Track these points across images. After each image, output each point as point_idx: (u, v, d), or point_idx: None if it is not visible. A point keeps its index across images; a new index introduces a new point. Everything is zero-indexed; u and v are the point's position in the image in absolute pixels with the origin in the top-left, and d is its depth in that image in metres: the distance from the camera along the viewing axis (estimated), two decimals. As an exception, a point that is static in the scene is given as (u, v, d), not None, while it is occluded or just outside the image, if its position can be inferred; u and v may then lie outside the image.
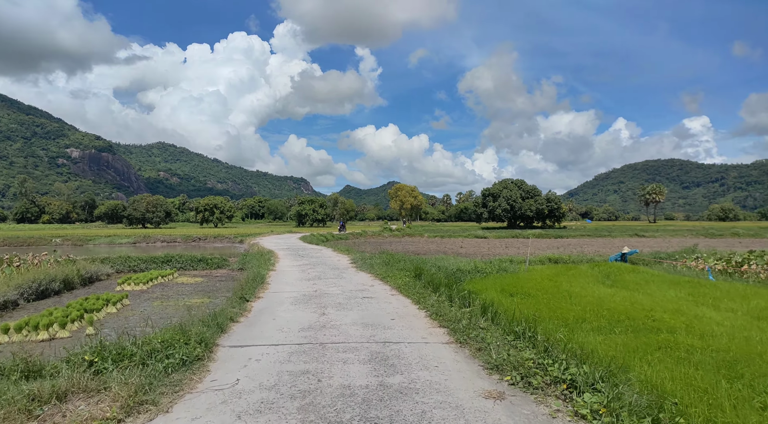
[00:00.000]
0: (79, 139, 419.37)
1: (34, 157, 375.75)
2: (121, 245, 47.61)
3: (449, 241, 51.17)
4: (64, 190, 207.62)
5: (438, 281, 11.35)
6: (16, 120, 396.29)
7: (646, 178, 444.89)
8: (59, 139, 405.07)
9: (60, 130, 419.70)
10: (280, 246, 31.37)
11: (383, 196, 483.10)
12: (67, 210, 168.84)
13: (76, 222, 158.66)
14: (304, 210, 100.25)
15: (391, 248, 38.92)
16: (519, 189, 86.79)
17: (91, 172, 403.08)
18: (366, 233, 60.91)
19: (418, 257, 20.39)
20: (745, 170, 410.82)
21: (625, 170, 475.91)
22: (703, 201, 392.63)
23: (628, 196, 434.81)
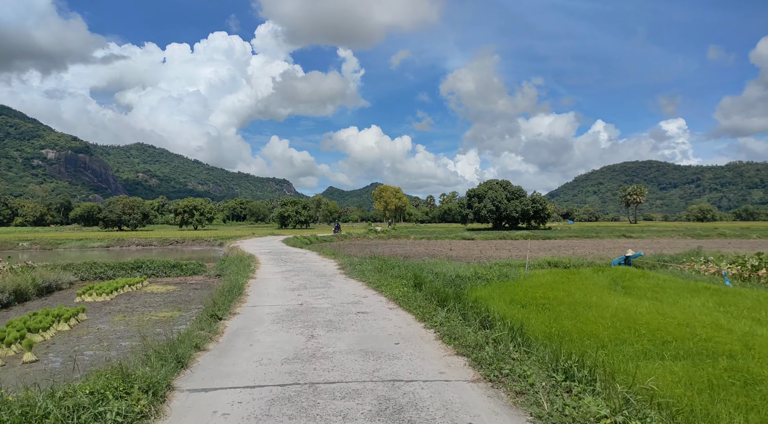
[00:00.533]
0: (55, 140, 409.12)
1: (7, 158, 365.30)
2: (93, 249, 45.15)
3: (437, 243, 49.82)
4: (38, 192, 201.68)
5: (444, 293, 9.81)
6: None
7: (624, 180, 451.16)
8: (34, 140, 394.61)
9: (35, 130, 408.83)
10: (262, 250, 29.59)
11: (366, 197, 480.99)
12: (41, 212, 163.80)
13: (51, 225, 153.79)
14: (287, 212, 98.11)
15: (378, 251, 37.36)
16: (504, 190, 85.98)
17: (67, 174, 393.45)
18: (351, 234, 59.22)
19: (412, 262, 18.86)
20: (720, 172, 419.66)
21: (604, 172, 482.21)
22: (679, 202, 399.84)
23: (608, 197, 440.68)
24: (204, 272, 21.75)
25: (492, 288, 13.69)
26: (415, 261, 21.37)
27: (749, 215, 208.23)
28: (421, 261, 21.87)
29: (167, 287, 18.02)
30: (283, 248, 30.81)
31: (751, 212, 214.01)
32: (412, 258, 30.17)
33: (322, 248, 36.07)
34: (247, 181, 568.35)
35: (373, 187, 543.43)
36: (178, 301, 14.97)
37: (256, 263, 20.66)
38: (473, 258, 29.35)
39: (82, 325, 11.89)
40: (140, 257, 24.60)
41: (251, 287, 13.60)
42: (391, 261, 17.01)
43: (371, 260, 17.78)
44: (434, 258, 28.27)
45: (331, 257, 23.30)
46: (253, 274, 16.66)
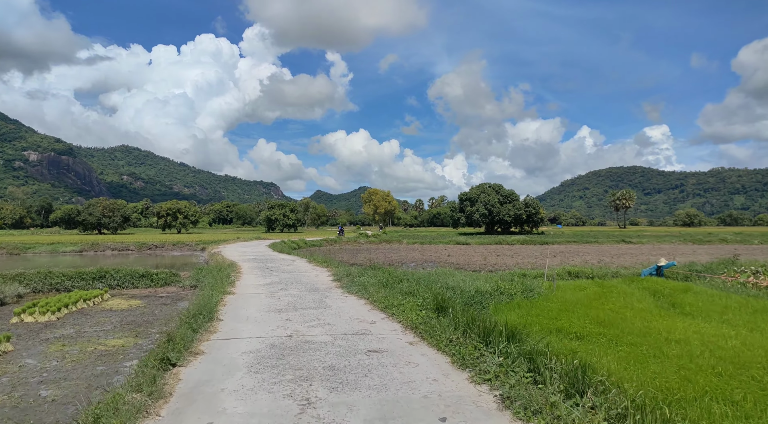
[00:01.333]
0: (38, 142, 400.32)
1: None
2: (65, 254, 41.84)
3: (431, 248, 47.35)
4: (18, 194, 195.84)
5: (485, 323, 7.19)
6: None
7: (609, 185, 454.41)
8: (15, 142, 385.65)
9: (16, 132, 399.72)
10: (246, 256, 26.80)
11: (354, 201, 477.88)
12: (20, 215, 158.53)
13: (31, 227, 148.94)
14: (274, 215, 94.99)
15: (372, 257, 34.74)
16: (497, 194, 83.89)
17: (50, 176, 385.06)
18: (341, 239, 56.47)
19: (419, 273, 16.21)
20: (703, 177, 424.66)
21: (589, 177, 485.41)
22: (663, 207, 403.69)
23: (593, 201, 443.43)
24: (178, 282, 18.94)
25: (524, 309, 11.14)
26: (424, 272, 18.78)
27: (733, 221, 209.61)
28: (426, 270, 19.32)
29: (131, 302, 15.23)
30: (269, 254, 28.03)
31: (735, 218, 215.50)
32: (408, 264, 27.64)
33: (312, 254, 33.34)
34: (234, 184, 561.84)
35: (361, 191, 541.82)
36: (139, 322, 12.23)
37: (237, 273, 17.91)
38: (476, 265, 26.85)
39: (3, 359, 9.12)
40: (106, 265, 21.70)
41: (227, 306, 10.89)
42: (399, 274, 14.34)
43: (372, 271, 15.13)
44: (438, 266, 25.77)
45: (323, 265, 20.62)
46: (232, 287, 13.94)
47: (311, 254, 36.72)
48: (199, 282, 17.54)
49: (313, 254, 37.52)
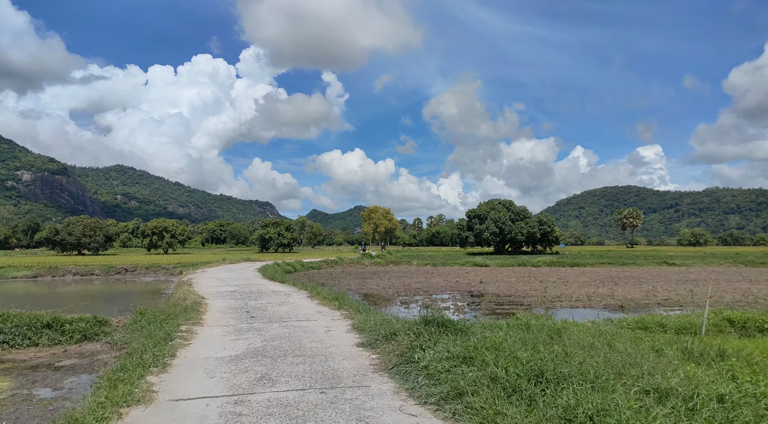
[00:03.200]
0: (31, 162, 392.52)
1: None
2: (15, 280, 34.46)
3: (448, 271, 40.35)
4: (4, 213, 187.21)
5: None
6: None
7: (605, 204, 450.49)
8: (8, 161, 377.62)
9: (10, 151, 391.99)
10: (225, 285, 19.78)
11: (350, 220, 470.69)
12: (5, 235, 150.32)
13: (16, 248, 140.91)
14: (268, 234, 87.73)
15: (387, 284, 27.71)
16: (508, 211, 77.28)
17: (43, 196, 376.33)
18: (342, 260, 49.37)
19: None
20: (698, 197, 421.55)
21: (584, 196, 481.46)
22: (659, 226, 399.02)
23: (589, 221, 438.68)
24: (105, 334, 11.85)
25: None
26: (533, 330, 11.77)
27: (734, 240, 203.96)
28: (515, 318, 12.38)
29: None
30: (256, 284, 20.90)
31: (736, 237, 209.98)
32: (442, 296, 20.56)
33: (311, 281, 26.31)
34: (229, 203, 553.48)
35: (356, 210, 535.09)
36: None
37: (198, 320, 10.87)
38: (538, 297, 19.89)
39: None
40: (62, 292, 14.62)
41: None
42: (492, 344, 7.16)
43: (449, 338, 7.76)
44: (493, 305, 18.84)
45: (334, 304, 13.57)
46: (170, 360, 6.94)
47: (311, 281, 29.60)
48: (136, 335, 10.55)
49: (313, 280, 30.41)
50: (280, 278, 23.04)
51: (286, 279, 22.37)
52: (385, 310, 16.39)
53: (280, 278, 23.07)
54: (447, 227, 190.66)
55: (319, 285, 27.51)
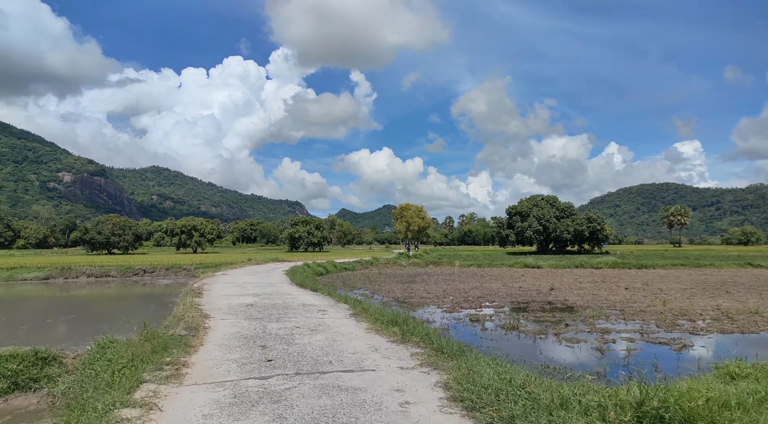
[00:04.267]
0: (72, 163, 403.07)
1: (24, 181, 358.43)
2: (26, 282, 31.29)
3: (497, 272, 35.31)
4: (42, 213, 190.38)
5: None
6: (8, 144, 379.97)
7: (641, 202, 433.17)
8: (51, 163, 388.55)
9: (52, 153, 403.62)
10: (243, 294, 15.54)
11: (379, 219, 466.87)
12: (44, 234, 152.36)
13: (54, 247, 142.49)
14: (297, 232, 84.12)
15: (435, 290, 23.02)
16: (552, 207, 71.37)
17: (83, 197, 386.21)
18: (377, 260, 44.90)
19: None
20: (741, 194, 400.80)
21: (620, 194, 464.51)
22: (700, 225, 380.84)
23: (625, 219, 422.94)
24: (48, 380, 7.63)
25: None
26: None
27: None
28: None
29: None
30: (281, 292, 16.52)
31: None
32: (511, 304, 15.65)
33: (347, 287, 21.95)
34: (260, 203, 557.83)
35: (385, 210, 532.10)
36: None
37: (178, 369, 6.46)
38: (650, 314, 14.82)
39: None
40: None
41: None
42: None
43: None
44: (608, 328, 13.92)
45: (389, 331, 8.98)
46: None
47: (346, 285, 25.15)
48: (88, 382, 6.29)
49: (349, 285, 25.96)
50: (311, 284, 18.57)
51: (318, 286, 17.87)
52: (470, 337, 11.78)
53: (312, 284, 18.59)
54: (479, 226, 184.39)
55: (357, 290, 23.14)
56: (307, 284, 18.18)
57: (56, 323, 16.13)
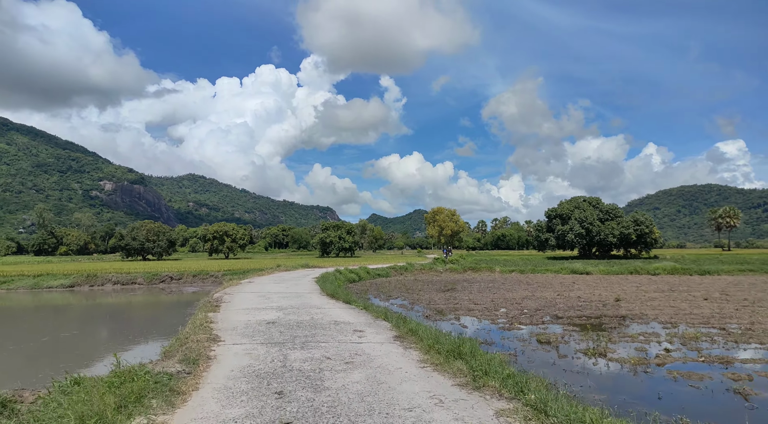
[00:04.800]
0: (112, 172, 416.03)
1: (68, 190, 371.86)
2: (51, 290, 30.21)
3: (544, 279, 32.27)
4: (83, 220, 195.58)
5: None
6: (53, 155, 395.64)
7: (682, 204, 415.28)
8: (93, 172, 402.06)
9: (94, 163, 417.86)
10: (266, 307, 13.39)
11: (410, 224, 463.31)
12: (85, 241, 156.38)
13: (94, 253, 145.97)
14: (329, 237, 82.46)
15: (484, 300, 20.37)
16: (595, 209, 67.27)
17: (123, 204, 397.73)
18: (412, 266, 42.38)
19: None
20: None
21: (659, 196, 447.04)
22: (745, 228, 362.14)
23: (665, 223, 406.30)
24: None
25: None
26: None
27: None
28: None
29: None
30: (309, 305, 14.25)
31: None
32: (576, 321, 12.89)
33: (383, 294, 19.62)
34: (291, 209, 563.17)
35: (416, 214, 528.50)
36: None
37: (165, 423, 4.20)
38: (766, 333, 11.82)
39: None
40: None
41: None
42: None
43: None
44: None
45: (451, 367, 6.52)
46: None
47: (382, 293, 22.81)
48: None
49: (385, 293, 23.56)
50: (344, 295, 16.21)
51: (351, 297, 15.50)
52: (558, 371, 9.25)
53: (344, 295, 16.23)
54: (513, 230, 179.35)
55: (393, 300, 20.68)
56: (340, 295, 15.86)
57: (52, 341, 14.34)
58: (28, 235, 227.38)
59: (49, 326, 17.30)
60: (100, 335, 15.91)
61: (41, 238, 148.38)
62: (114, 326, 17.89)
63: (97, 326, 18.20)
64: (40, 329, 16.35)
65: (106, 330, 16.92)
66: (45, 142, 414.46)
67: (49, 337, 14.74)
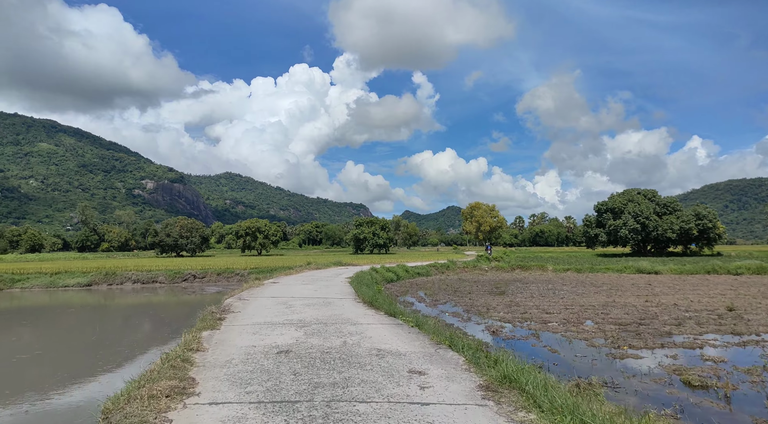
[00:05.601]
0: (154, 171, 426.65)
1: (112, 189, 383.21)
2: (67, 290, 27.88)
3: (607, 279, 27.82)
4: (124, 217, 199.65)
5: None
6: (98, 155, 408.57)
7: (730, 199, 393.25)
8: (135, 172, 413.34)
9: (136, 162, 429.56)
10: (284, 322, 9.96)
11: (443, 220, 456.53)
12: (126, 238, 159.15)
13: (135, 249, 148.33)
14: (363, 233, 79.25)
15: (553, 308, 16.37)
16: (651, 202, 61.48)
17: (163, 202, 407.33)
18: (454, 264, 38.46)
19: None
20: None
21: (705, 191, 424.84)
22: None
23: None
24: None
25: None
26: None
27: None
28: None
29: None
30: (341, 318, 10.67)
31: None
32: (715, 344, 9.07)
33: (430, 301, 15.97)
34: (325, 206, 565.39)
35: (449, 211, 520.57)
36: None
37: None
38: None
39: None
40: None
41: None
42: None
43: None
44: None
45: None
46: None
47: (427, 295, 19.14)
48: None
49: (429, 294, 19.85)
50: (385, 303, 12.46)
51: (396, 307, 11.77)
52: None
53: (386, 303, 12.45)
54: (552, 226, 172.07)
55: (441, 304, 16.83)
56: (380, 303, 12.21)
57: (20, 362, 11.29)
58: (74, 232, 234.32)
59: (24, 339, 14.44)
60: (65, 357, 12.83)
61: (84, 235, 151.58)
62: (98, 340, 14.89)
63: (77, 339, 15.26)
64: (21, 346, 13.47)
65: (83, 347, 13.87)
66: (90, 143, 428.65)
67: (26, 357, 11.76)
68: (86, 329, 16.66)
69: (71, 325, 17.80)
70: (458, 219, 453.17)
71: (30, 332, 15.82)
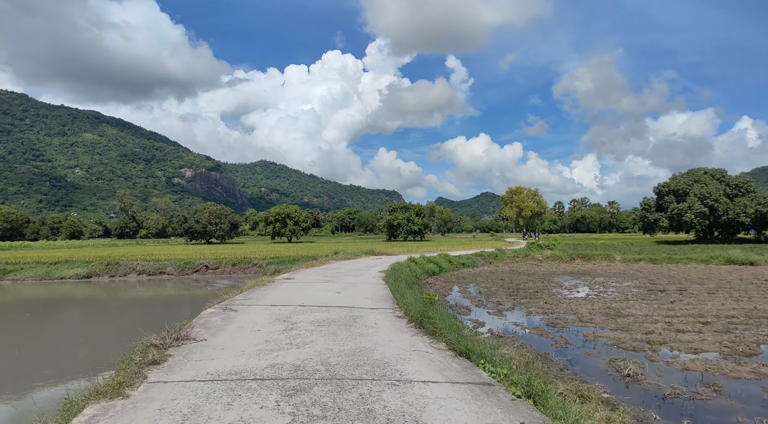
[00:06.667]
0: (192, 160, 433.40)
1: (153, 177, 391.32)
2: (64, 282, 24.39)
3: (715, 273, 22.22)
4: (160, 205, 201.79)
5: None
6: (139, 144, 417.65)
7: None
8: (174, 161, 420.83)
9: (175, 152, 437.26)
10: (269, 365, 5.53)
11: (477, 207, 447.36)
12: (163, 225, 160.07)
13: (172, 237, 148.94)
14: (396, 220, 74.54)
15: (686, 319, 11.07)
16: (720, 183, 54.19)
17: (201, 190, 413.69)
18: (503, 252, 33.29)
19: None
20: None
21: (755, 174, 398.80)
22: None
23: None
24: None
25: None
26: None
27: None
28: None
29: None
30: (368, 363, 5.99)
31: None
32: None
33: (485, 302, 11.12)
34: (358, 193, 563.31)
35: (483, 197, 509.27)
36: None
37: None
38: None
39: None
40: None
41: None
42: None
43: None
44: None
45: None
46: None
47: (480, 293, 14.24)
48: None
49: (482, 292, 14.96)
50: (446, 327, 7.57)
51: (473, 344, 6.79)
52: None
53: (449, 328, 7.53)
54: (594, 211, 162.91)
55: (500, 305, 12.09)
56: (437, 324, 7.37)
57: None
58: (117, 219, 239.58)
59: None
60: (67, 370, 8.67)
61: (123, 222, 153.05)
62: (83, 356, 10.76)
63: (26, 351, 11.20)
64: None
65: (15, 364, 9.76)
66: (131, 133, 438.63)
67: None
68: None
69: (38, 332, 13.90)
70: (492, 205, 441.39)
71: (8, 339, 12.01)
